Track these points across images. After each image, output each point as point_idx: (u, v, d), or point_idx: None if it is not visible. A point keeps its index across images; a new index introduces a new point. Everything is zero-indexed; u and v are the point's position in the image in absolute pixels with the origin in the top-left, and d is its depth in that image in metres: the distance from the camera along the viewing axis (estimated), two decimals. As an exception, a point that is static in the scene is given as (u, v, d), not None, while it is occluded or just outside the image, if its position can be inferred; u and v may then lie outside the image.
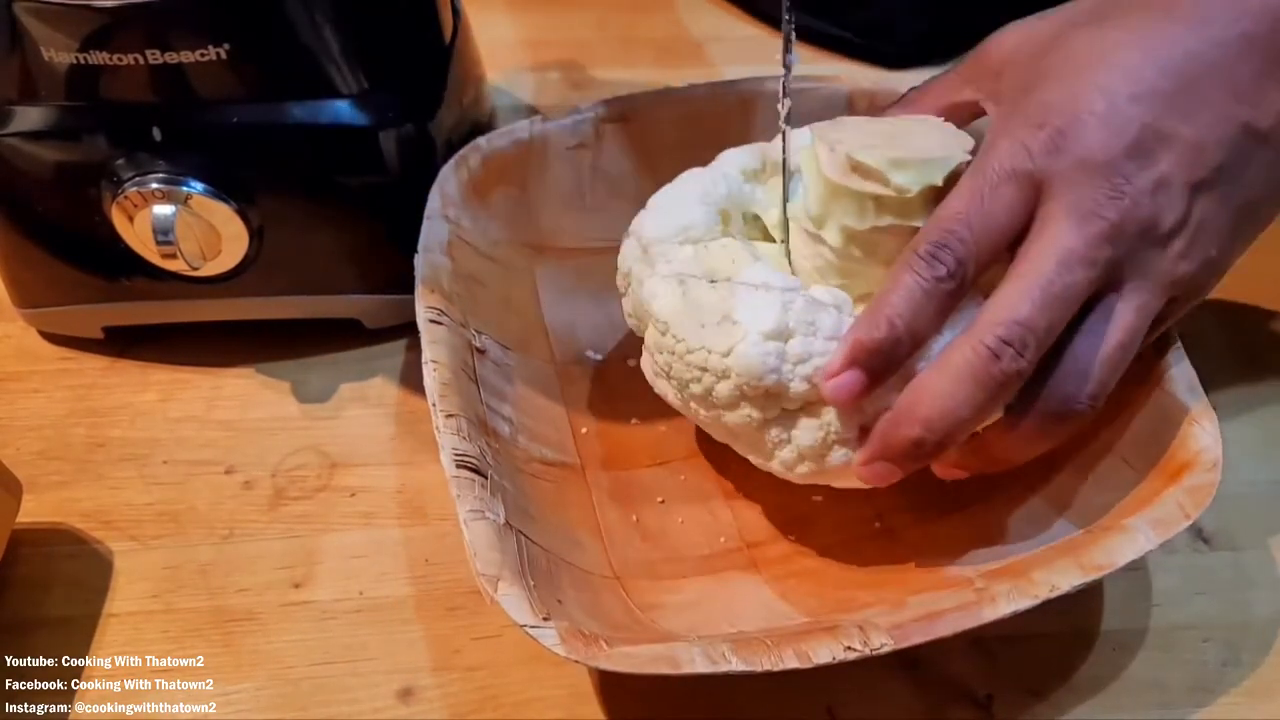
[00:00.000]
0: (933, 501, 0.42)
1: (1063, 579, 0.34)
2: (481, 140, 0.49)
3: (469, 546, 0.35)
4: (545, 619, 0.34)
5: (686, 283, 0.38)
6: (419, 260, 0.44)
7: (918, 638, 0.34)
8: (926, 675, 0.40)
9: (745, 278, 0.38)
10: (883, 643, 0.34)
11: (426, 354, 0.41)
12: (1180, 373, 0.39)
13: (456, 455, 0.38)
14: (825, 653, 0.33)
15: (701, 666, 0.33)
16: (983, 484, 0.40)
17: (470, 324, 0.44)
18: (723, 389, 0.37)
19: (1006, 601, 0.34)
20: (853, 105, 0.50)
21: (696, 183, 0.42)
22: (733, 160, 0.43)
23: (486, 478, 0.38)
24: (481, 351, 0.44)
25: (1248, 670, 0.40)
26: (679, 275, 0.39)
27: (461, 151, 0.48)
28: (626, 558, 0.42)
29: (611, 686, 0.39)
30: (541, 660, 0.40)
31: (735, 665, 0.33)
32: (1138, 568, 0.42)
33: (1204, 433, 0.38)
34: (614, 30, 0.67)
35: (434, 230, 0.46)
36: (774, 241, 0.42)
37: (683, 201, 0.41)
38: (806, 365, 0.36)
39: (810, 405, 0.37)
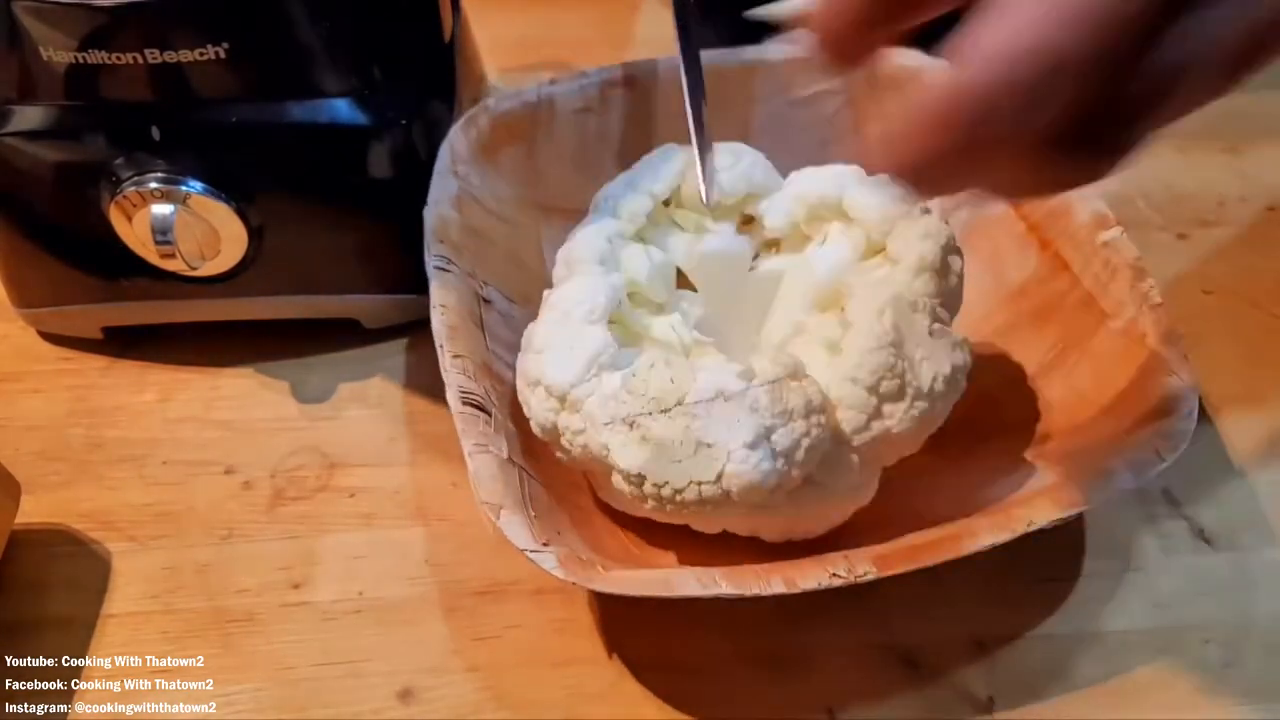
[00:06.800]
0: (924, 466, 0.42)
1: (1040, 515, 0.36)
2: (490, 101, 0.49)
3: (472, 478, 0.37)
4: (545, 544, 0.35)
5: (639, 424, 0.35)
6: (428, 213, 0.45)
7: (901, 566, 0.35)
8: (927, 676, 0.39)
9: (697, 394, 0.35)
10: (866, 570, 0.35)
11: (434, 299, 0.42)
12: (1158, 327, 0.40)
13: (463, 393, 0.39)
14: (811, 579, 0.35)
15: (694, 590, 0.34)
16: (970, 443, 0.42)
17: (478, 275, 0.45)
18: (733, 510, 0.36)
19: (988, 535, 0.36)
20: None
21: (577, 305, 0.39)
22: (586, 255, 0.41)
23: (490, 415, 0.39)
24: (488, 302, 0.45)
25: (1250, 671, 0.39)
26: (626, 418, 0.36)
27: (471, 111, 0.49)
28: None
29: (619, 685, 0.39)
30: (542, 661, 0.40)
31: (724, 589, 0.34)
32: (1140, 568, 0.42)
33: (1179, 382, 0.39)
34: (614, 30, 0.67)
35: (443, 185, 0.46)
36: (655, 302, 0.41)
37: (574, 332, 0.38)
38: (800, 451, 0.35)
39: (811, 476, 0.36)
